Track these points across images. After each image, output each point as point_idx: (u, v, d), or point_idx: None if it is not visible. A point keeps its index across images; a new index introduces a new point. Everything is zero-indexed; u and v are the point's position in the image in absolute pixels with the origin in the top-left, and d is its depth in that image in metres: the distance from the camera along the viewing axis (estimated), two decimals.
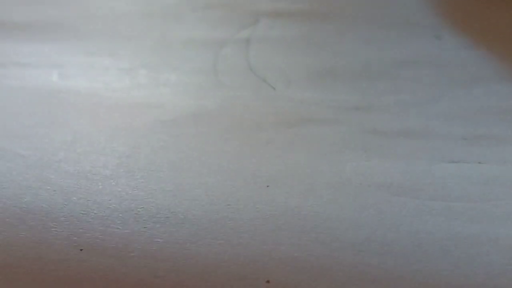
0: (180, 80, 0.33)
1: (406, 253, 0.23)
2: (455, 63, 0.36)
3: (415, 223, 0.25)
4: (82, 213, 0.24)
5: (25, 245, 0.23)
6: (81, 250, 0.23)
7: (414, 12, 0.40)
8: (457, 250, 0.23)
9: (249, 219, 0.25)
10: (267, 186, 0.26)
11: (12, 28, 0.39)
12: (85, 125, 0.29)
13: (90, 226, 0.24)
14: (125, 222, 0.24)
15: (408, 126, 0.30)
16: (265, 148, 0.28)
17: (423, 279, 0.22)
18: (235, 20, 0.40)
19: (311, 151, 0.28)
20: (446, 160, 0.28)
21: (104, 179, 0.26)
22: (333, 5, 0.40)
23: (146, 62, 0.35)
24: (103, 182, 0.26)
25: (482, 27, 0.37)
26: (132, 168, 0.27)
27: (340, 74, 0.34)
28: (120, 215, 0.24)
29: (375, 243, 0.24)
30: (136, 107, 0.30)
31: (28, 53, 0.36)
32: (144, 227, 0.24)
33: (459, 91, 0.33)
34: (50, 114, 0.30)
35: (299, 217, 0.25)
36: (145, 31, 0.39)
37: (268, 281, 0.22)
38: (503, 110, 0.31)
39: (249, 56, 0.36)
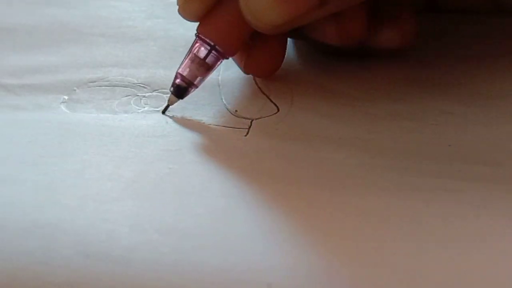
0: (185, 109, 0.34)
1: (400, 267, 0.24)
2: None
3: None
4: (88, 227, 0.25)
5: (32, 252, 0.24)
6: (87, 256, 0.24)
7: None
8: None
9: (251, 234, 0.25)
10: (269, 208, 0.27)
11: (18, 35, 0.40)
12: (93, 154, 0.30)
13: (95, 237, 0.25)
14: (130, 234, 0.25)
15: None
16: (266, 176, 0.29)
17: None
18: None
19: (311, 180, 0.29)
20: None
21: (110, 200, 0.27)
22: None
23: (151, 77, 0.36)
24: (110, 203, 0.27)
25: None
26: (138, 192, 0.28)
27: (341, 95, 0.35)
28: (126, 229, 0.25)
29: (372, 257, 0.24)
30: (142, 137, 0.31)
31: (35, 69, 0.37)
32: (149, 239, 0.25)
33: None
34: (60, 145, 0.30)
35: (300, 234, 0.25)
36: (149, 32, 0.41)
37: (269, 285, 0.23)
38: None
39: None
